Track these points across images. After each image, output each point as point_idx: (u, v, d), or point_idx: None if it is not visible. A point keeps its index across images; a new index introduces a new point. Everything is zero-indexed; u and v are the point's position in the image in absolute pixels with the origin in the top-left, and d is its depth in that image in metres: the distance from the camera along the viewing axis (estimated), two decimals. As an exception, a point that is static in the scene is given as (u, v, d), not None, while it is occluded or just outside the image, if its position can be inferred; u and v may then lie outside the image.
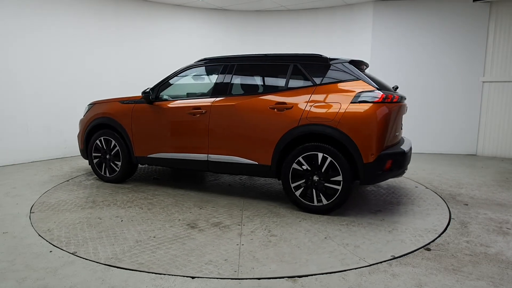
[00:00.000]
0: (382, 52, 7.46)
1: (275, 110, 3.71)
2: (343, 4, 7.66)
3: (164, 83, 4.44)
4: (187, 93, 4.77)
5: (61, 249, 2.80)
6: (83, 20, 6.65)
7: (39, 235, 3.07)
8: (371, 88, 3.53)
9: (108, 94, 6.14)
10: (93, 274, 2.42)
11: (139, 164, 5.08)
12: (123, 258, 2.64)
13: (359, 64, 3.90)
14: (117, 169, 4.69)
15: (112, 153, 4.67)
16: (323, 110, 3.53)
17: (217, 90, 4.13)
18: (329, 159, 3.49)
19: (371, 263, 2.61)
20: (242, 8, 8.00)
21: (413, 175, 5.38)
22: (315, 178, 3.58)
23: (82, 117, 5.06)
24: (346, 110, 3.45)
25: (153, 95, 4.39)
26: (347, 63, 3.75)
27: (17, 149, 5.99)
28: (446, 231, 3.22)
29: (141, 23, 7.38)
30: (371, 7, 7.39)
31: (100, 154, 4.76)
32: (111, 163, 4.71)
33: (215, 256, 2.71)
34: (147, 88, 4.42)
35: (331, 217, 3.57)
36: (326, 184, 3.54)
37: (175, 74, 4.47)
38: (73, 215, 3.53)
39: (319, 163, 3.54)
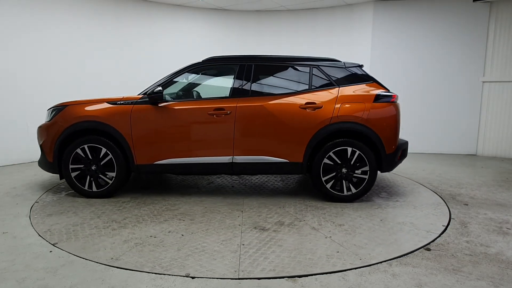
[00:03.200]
0: (382, 52, 7.46)
1: (307, 109, 3.94)
2: (343, 4, 7.66)
3: (168, 83, 4.13)
4: (198, 93, 4.58)
5: (171, 275, 2.42)
6: (83, 20, 6.65)
7: (39, 235, 3.07)
8: (384, 89, 4.13)
9: (108, 94, 6.14)
10: (93, 274, 2.42)
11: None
12: (249, 269, 2.50)
13: (361, 67, 4.37)
14: (110, 182, 4.03)
15: (101, 163, 4.00)
16: (352, 109, 3.95)
17: (238, 90, 4.06)
18: (358, 152, 3.92)
19: (439, 233, 3.15)
20: (242, 8, 8.00)
21: (413, 175, 5.38)
22: (344, 170, 3.97)
23: (46, 122, 4.20)
24: (371, 109, 3.95)
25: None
26: (359, 67, 4.27)
27: (17, 149, 5.99)
28: (446, 231, 3.22)
29: (141, 23, 7.38)
30: (371, 7, 7.39)
31: (82, 166, 4.01)
32: (100, 175, 4.04)
33: (324, 250, 2.82)
34: (156, 87, 3.98)
35: (360, 203, 4.01)
36: (354, 175, 3.97)
37: (180, 73, 4.18)
38: (116, 238, 3.00)
39: (348, 157, 3.93)
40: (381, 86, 4.15)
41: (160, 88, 3.95)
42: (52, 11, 6.26)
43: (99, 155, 4.00)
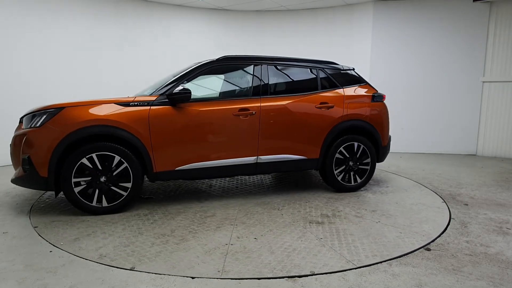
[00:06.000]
0: (382, 52, 7.46)
1: (322, 109, 4.24)
2: (343, 4, 7.66)
3: (183, 82, 3.84)
4: (216, 93, 4.45)
5: (302, 275, 2.40)
6: (83, 21, 6.66)
7: (39, 235, 3.07)
8: (375, 90, 4.66)
9: (108, 94, 6.14)
10: (93, 274, 2.42)
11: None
12: (358, 258, 2.66)
13: (353, 70, 4.79)
14: (124, 193, 3.56)
15: (114, 173, 3.52)
16: (357, 108, 4.42)
17: (258, 90, 4.09)
18: (362, 146, 4.39)
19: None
20: (242, 8, 8.00)
21: (413, 175, 5.38)
22: (351, 163, 4.38)
23: (30, 129, 3.45)
24: (371, 108, 4.49)
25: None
26: (353, 70, 4.70)
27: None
28: (446, 231, 3.22)
29: (141, 23, 7.38)
30: (371, 7, 7.39)
31: (90, 178, 3.46)
32: (112, 187, 3.54)
33: (390, 233, 3.15)
34: (173, 87, 3.72)
35: (365, 192, 4.46)
36: (360, 166, 4.44)
37: (194, 72, 3.93)
38: (193, 251, 2.77)
39: (354, 150, 4.37)
40: (371, 87, 4.69)
41: (185, 88, 3.67)
42: (54, 12, 6.27)
43: (111, 164, 3.50)
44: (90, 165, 3.45)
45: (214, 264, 2.56)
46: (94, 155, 3.44)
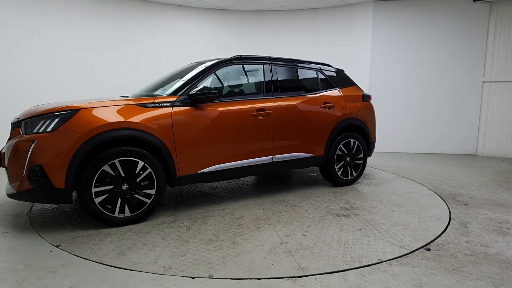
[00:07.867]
0: (382, 52, 7.46)
1: (325, 108, 4.49)
2: (343, 4, 7.67)
3: (199, 81, 3.70)
4: (230, 92, 4.23)
5: (371, 264, 2.52)
6: (82, 21, 6.66)
7: (39, 235, 3.07)
8: (363, 91, 5.02)
9: (108, 95, 6.14)
10: (93, 274, 2.42)
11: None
12: (406, 244, 2.90)
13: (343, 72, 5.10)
14: (148, 201, 3.32)
15: (137, 179, 3.25)
16: (353, 107, 4.74)
17: (270, 89, 4.17)
18: (357, 143, 4.74)
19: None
20: (242, 8, 8.00)
21: (413, 175, 5.38)
22: (348, 158, 4.70)
23: (38, 134, 3.00)
24: (362, 107, 4.84)
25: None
26: (344, 72, 5.03)
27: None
28: (446, 231, 3.22)
29: (142, 23, 7.39)
30: (371, 7, 7.39)
31: (112, 187, 3.15)
32: (135, 195, 3.27)
33: (411, 220, 3.43)
34: (192, 86, 3.58)
35: (360, 185, 4.80)
36: (355, 161, 4.78)
37: (208, 71, 3.81)
38: (255, 254, 2.71)
39: (351, 147, 4.71)
40: (359, 88, 5.03)
41: (207, 87, 3.55)
42: (54, 12, 6.28)
43: (135, 171, 3.23)
44: (112, 172, 3.14)
45: (288, 263, 2.58)
46: (116, 161, 3.13)
